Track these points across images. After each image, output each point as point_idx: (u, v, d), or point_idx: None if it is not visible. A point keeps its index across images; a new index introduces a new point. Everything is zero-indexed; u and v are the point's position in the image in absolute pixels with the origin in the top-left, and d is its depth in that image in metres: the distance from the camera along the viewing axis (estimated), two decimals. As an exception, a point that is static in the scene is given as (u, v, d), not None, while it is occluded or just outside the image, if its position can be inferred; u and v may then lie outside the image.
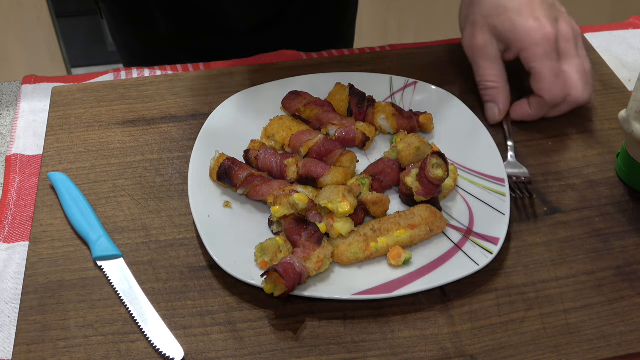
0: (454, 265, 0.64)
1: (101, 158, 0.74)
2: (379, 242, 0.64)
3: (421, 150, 0.69)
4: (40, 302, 0.61)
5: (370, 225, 0.65)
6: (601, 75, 0.86)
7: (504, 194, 0.69)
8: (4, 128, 0.80)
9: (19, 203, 0.71)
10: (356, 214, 0.66)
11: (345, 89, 0.78)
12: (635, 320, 0.61)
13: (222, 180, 0.69)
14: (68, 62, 2.11)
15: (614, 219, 0.70)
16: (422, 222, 0.65)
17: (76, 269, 0.64)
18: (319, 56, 0.88)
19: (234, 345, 0.59)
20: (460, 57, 0.87)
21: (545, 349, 0.59)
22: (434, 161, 0.65)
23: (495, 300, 0.63)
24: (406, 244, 0.65)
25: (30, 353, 0.58)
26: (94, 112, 0.79)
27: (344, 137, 0.74)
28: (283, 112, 0.79)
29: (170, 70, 0.86)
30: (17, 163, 0.74)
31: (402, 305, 0.62)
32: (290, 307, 0.62)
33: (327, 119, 0.75)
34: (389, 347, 0.59)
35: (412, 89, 0.81)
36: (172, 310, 0.61)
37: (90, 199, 0.70)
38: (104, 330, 0.60)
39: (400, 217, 0.66)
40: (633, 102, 0.69)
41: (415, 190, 0.66)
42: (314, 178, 0.69)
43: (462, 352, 0.59)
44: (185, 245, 0.66)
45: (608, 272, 0.65)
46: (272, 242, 0.63)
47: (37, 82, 0.84)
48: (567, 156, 0.76)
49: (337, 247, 0.64)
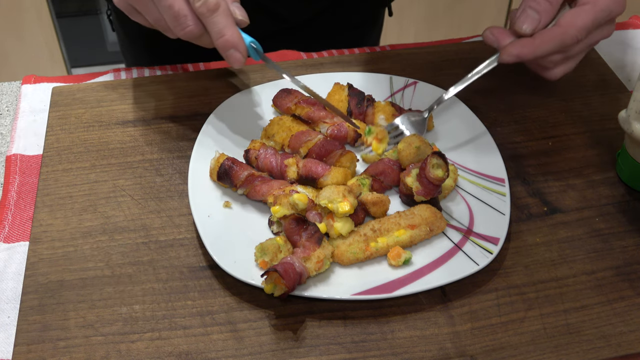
0: (454, 265, 0.64)
1: (101, 158, 0.74)
2: (379, 242, 0.64)
3: (421, 150, 0.69)
4: (40, 302, 0.61)
5: (370, 225, 0.65)
6: (601, 75, 0.86)
7: (504, 194, 0.69)
8: (4, 128, 0.80)
9: (19, 203, 0.71)
10: (356, 214, 0.66)
11: (344, 89, 0.78)
12: (635, 320, 0.61)
13: (222, 180, 0.69)
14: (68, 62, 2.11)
15: (614, 219, 0.70)
16: (422, 222, 0.65)
17: (76, 269, 0.64)
18: (319, 56, 0.88)
19: (234, 345, 0.59)
20: (460, 57, 0.88)
21: (545, 349, 0.59)
22: (434, 161, 0.65)
23: (495, 300, 0.63)
24: (406, 244, 0.65)
25: (30, 353, 0.58)
26: (94, 112, 0.79)
27: (336, 134, 0.74)
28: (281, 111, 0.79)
29: (170, 70, 0.86)
30: (17, 163, 0.74)
31: (402, 305, 0.62)
32: (290, 307, 0.62)
33: (318, 117, 0.75)
34: (389, 347, 0.59)
35: (412, 89, 0.81)
36: (172, 310, 0.61)
37: (90, 199, 0.70)
38: (104, 330, 0.60)
39: (400, 217, 0.66)
40: (633, 102, 0.69)
41: (415, 190, 0.66)
42: (314, 178, 0.69)
43: (462, 352, 0.59)
44: (185, 245, 0.66)
45: (608, 272, 0.65)
46: (272, 242, 0.63)
47: (37, 82, 0.84)
48: (567, 156, 0.76)
49: (337, 247, 0.64)
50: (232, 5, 0.69)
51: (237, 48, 0.67)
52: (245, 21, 0.69)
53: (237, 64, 0.68)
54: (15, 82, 0.85)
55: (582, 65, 0.87)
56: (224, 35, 0.66)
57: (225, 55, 0.67)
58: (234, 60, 0.67)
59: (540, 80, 0.78)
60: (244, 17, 0.69)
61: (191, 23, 0.66)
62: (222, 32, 0.66)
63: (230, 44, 0.66)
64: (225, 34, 0.66)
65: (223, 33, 0.66)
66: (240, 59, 0.68)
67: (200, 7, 0.65)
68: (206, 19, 0.66)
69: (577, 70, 0.87)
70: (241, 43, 0.67)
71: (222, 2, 0.66)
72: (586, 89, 0.85)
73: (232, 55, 0.67)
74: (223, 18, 0.66)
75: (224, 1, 0.66)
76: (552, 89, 0.84)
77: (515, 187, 0.72)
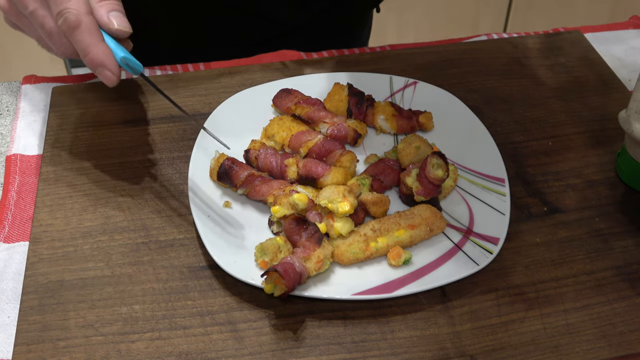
0: (454, 265, 0.64)
1: (101, 158, 0.74)
2: (379, 242, 0.64)
3: (421, 150, 0.69)
4: (40, 302, 0.61)
5: (370, 225, 0.65)
6: (601, 75, 0.86)
7: (504, 194, 0.69)
8: (4, 128, 0.80)
9: (19, 203, 0.71)
10: (356, 214, 0.66)
11: (344, 89, 0.78)
12: (635, 320, 0.61)
13: (222, 180, 0.69)
14: (68, 62, 2.11)
15: (614, 219, 0.70)
16: (422, 222, 0.65)
17: (76, 269, 0.64)
18: (319, 56, 0.88)
19: (234, 345, 0.59)
20: (460, 57, 0.88)
21: (545, 349, 0.59)
22: (434, 161, 0.65)
23: (495, 300, 0.63)
24: (406, 244, 0.65)
25: (30, 353, 0.58)
26: (94, 112, 0.79)
27: (336, 134, 0.74)
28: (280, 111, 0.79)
29: (170, 70, 0.86)
30: (17, 163, 0.74)
31: (402, 305, 0.62)
32: (290, 307, 0.62)
33: (318, 117, 0.75)
34: (389, 347, 0.59)
35: (412, 89, 0.81)
36: (172, 310, 0.61)
37: (90, 198, 0.70)
38: (104, 330, 0.60)
39: (400, 217, 0.66)
40: (633, 102, 0.69)
41: (415, 190, 0.66)
42: (314, 178, 0.69)
43: (462, 352, 0.59)
44: (185, 245, 0.66)
45: (608, 272, 0.65)
46: (272, 242, 0.63)
47: (37, 82, 0.84)
48: (567, 156, 0.76)
49: (337, 247, 0.64)
50: (109, 14, 0.63)
51: (104, 66, 0.62)
52: (124, 31, 0.64)
53: (109, 83, 0.63)
54: (15, 82, 0.85)
55: (582, 65, 0.88)
56: (88, 54, 0.61)
57: (96, 73, 0.63)
58: (104, 78, 0.62)
59: (540, 80, 0.78)
60: (121, 26, 0.63)
61: (65, 41, 0.62)
62: (86, 51, 0.61)
63: (96, 62, 0.61)
64: (89, 52, 0.61)
65: (87, 51, 0.61)
66: (110, 77, 0.62)
67: (62, 25, 0.61)
68: (69, 36, 0.61)
69: (577, 70, 0.87)
70: (108, 60, 0.62)
71: (83, 17, 0.60)
72: (586, 89, 0.85)
73: (102, 74, 0.62)
74: (86, 35, 0.61)
75: (87, 15, 0.61)
76: (552, 89, 0.84)
77: (515, 187, 0.72)
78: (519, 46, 0.90)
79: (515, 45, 0.90)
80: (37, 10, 0.62)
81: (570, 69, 0.87)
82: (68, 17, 0.60)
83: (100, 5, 0.63)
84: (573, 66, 0.88)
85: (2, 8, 0.65)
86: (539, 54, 0.89)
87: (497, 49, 0.90)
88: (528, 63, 0.88)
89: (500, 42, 0.91)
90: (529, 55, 0.89)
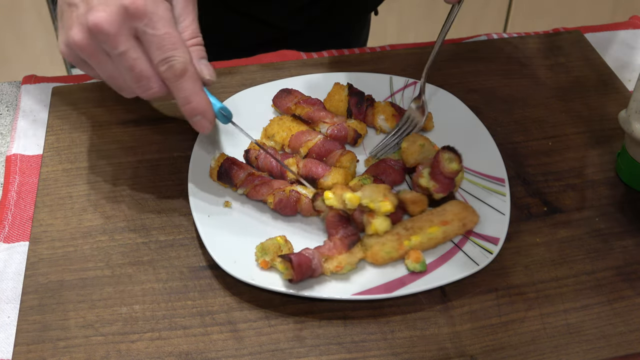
0: (454, 265, 0.64)
1: (101, 158, 0.74)
2: (412, 240, 0.64)
3: (425, 147, 0.69)
4: (40, 302, 0.61)
5: (403, 224, 0.65)
6: (601, 75, 0.86)
7: (504, 194, 0.69)
8: (4, 128, 0.80)
9: (19, 203, 0.71)
10: (395, 213, 0.65)
11: (344, 89, 0.78)
12: (635, 320, 0.61)
13: (222, 180, 0.69)
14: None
15: (614, 219, 0.70)
16: (454, 218, 0.65)
17: (76, 269, 0.64)
18: (319, 56, 0.88)
19: (234, 345, 0.59)
20: (460, 57, 0.88)
21: (545, 349, 0.59)
22: (446, 155, 0.65)
23: (495, 300, 0.63)
24: (440, 240, 0.64)
25: (30, 353, 0.58)
26: (94, 112, 0.79)
27: (336, 134, 0.74)
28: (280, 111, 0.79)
29: (170, 70, 0.86)
30: (17, 163, 0.74)
31: (402, 305, 0.62)
32: (290, 307, 0.62)
33: (318, 117, 0.75)
34: (389, 347, 0.59)
35: (412, 89, 0.81)
36: (172, 310, 0.61)
37: (90, 199, 0.70)
38: (104, 330, 0.60)
39: (432, 215, 0.65)
40: (633, 102, 0.69)
41: (432, 189, 0.66)
42: (314, 178, 0.69)
43: (462, 352, 0.59)
44: (185, 245, 0.66)
45: (608, 272, 0.65)
46: (272, 241, 0.63)
47: (37, 82, 0.84)
48: (567, 156, 0.76)
49: (371, 248, 0.63)
50: (199, 62, 0.63)
51: (204, 116, 0.62)
52: (213, 80, 0.64)
53: (204, 132, 0.63)
54: (15, 82, 0.85)
55: (582, 65, 0.88)
56: (190, 103, 0.61)
57: (192, 121, 0.62)
58: (201, 127, 0.62)
59: (540, 80, 0.78)
60: (211, 76, 0.64)
61: (155, 86, 0.60)
62: (188, 99, 0.60)
63: (197, 111, 0.61)
64: (192, 101, 0.61)
65: (190, 100, 0.60)
66: (207, 126, 0.63)
67: (166, 72, 0.59)
68: (171, 84, 0.60)
69: (577, 70, 0.87)
70: (209, 110, 0.62)
71: (189, 67, 0.59)
72: (586, 89, 0.85)
73: (199, 122, 0.62)
74: (190, 84, 0.60)
75: (191, 65, 0.60)
76: (552, 89, 0.84)
77: (515, 187, 0.72)
78: (519, 46, 0.90)
79: (515, 45, 0.90)
80: (129, 52, 0.58)
81: (570, 69, 0.87)
82: (175, 65, 0.59)
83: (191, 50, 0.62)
84: (573, 66, 0.88)
85: (77, 45, 0.59)
86: (539, 54, 0.89)
87: (497, 49, 0.90)
88: (528, 63, 0.88)
89: (500, 42, 0.91)
90: (529, 55, 0.89)
